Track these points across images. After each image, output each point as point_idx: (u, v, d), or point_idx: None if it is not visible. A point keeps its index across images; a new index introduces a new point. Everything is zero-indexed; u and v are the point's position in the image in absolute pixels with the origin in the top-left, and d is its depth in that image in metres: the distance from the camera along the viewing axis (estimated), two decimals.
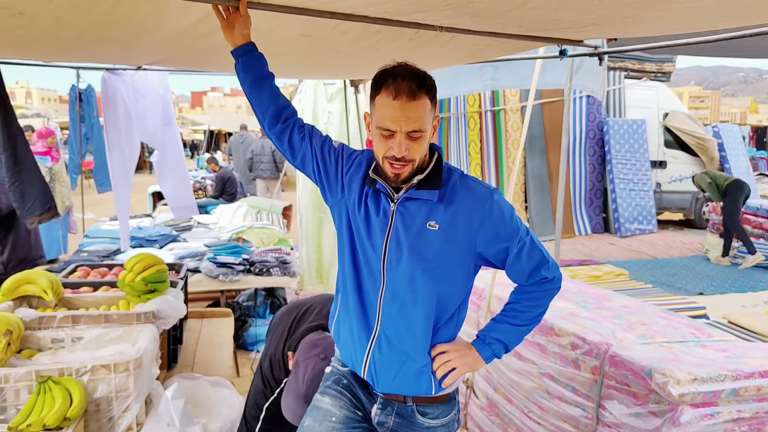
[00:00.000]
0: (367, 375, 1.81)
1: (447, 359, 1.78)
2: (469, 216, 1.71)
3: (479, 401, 3.33)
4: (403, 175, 1.68)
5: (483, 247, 1.74)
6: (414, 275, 1.71)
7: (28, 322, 2.32)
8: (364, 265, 1.77)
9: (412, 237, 1.70)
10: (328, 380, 1.92)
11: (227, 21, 1.81)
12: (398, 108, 1.60)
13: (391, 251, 1.72)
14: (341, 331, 1.88)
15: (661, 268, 8.14)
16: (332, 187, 1.86)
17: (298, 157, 1.89)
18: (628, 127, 10.82)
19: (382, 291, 1.75)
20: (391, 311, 1.74)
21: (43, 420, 1.79)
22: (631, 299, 3.27)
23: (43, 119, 14.95)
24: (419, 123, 1.62)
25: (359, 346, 1.80)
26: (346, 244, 1.81)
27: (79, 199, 7.31)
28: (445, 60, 3.01)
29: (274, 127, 1.88)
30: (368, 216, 1.76)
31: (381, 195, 1.76)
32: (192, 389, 2.41)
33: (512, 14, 1.82)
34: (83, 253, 4.79)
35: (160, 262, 2.75)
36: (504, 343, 1.83)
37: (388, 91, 1.61)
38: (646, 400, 2.24)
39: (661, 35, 2.73)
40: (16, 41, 2.20)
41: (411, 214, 1.72)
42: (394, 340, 1.75)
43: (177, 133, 4.47)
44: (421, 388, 1.79)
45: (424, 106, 1.63)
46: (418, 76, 1.63)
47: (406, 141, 1.63)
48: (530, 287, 1.82)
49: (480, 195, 1.73)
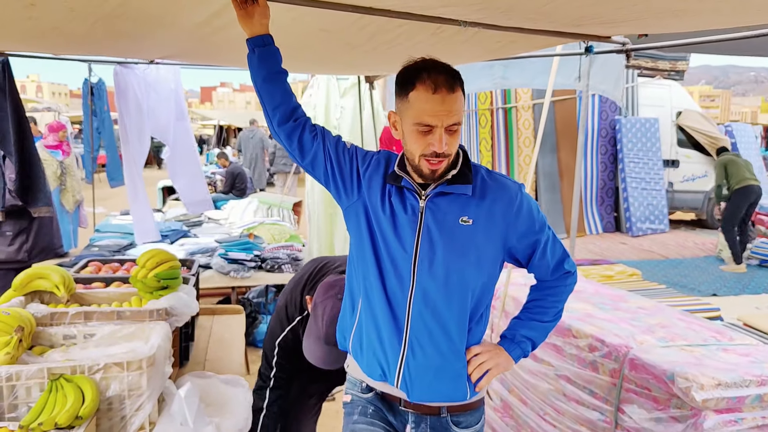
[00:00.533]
0: (401, 383, 1.73)
1: (481, 361, 1.73)
2: (503, 209, 1.68)
3: (493, 402, 3.29)
4: (440, 171, 1.64)
5: (515, 242, 1.72)
6: (449, 274, 1.66)
7: (40, 318, 2.29)
8: (391, 266, 1.70)
9: (446, 233, 1.66)
10: (354, 413, 1.84)
11: (245, 11, 1.75)
12: (439, 102, 1.56)
13: (423, 250, 1.66)
14: (364, 340, 1.79)
15: (673, 269, 8.07)
16: (347, 188, 1.79)
17: (308, 157, 1.82)
18: (640, 125, 10.72)
19: (411, 292, 1.68)
20: (424, 313, 1.68)
21: (54, 419, 1.76)
22: (648, 300, 3.21)
23: (54, 113, 15.02)
24: (458, 116, 1.60)
25: (391, 353, 1.72)
26: (367, 245, 1.73)
27: (91, 193, 7.30)
28: (467, 56, 2.95)
29: (285, 125, 1.80)
30: (394, 214, 1.70)
31: (406, 192, 1.71)
32: (205, 388, 2.38)
33: (545, 9, 1.76)
34: (94, 248, 4.78)
35: (173, 259, 2.72)
36: (532, 340, 1.81)
37: (425, 86, 1.57)
38: (667, 404, 2.19)
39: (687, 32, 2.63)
40: (28, 33, 2.17)
41: (442, 210, 1.67)
42: (428, 344, 1.69)
43: (189, 129, 4.44)
44: (458, 393, 1.73)
45: (460, 99, 1.61)
46: (449, 69, 1.61)
47: (445, 135, 1.59)
48: (554, 282, 1.80)
49: (511, 189, 1.71)
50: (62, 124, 7.35)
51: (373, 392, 1.83)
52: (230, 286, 4.45)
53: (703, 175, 11.34)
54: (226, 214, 6.73)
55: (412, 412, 1.77)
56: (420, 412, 1.76)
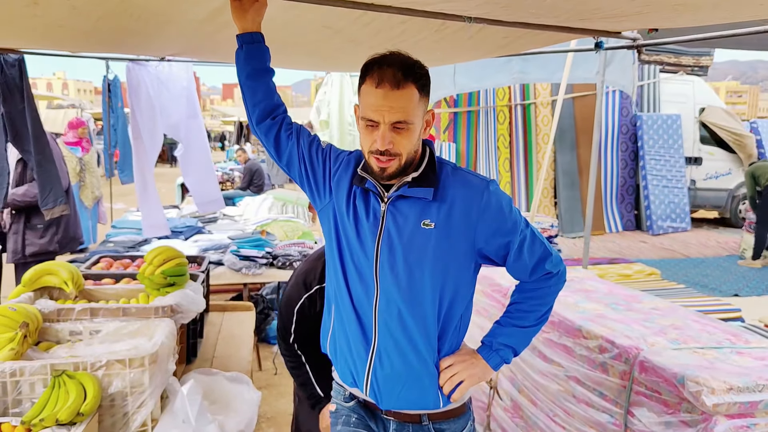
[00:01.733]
0: (369, 392, 1.69)
1: (453, 373, 1.66)
2: (466, 210, 1.59)
3: (503, 402, 3.26)
4: (390, 171, 1.57)
5: (483, 243, 1.62)
6: (412, 281, 1.60)
7: (47, 314, 2.32)
8: (355, 272, 1.66)
9: (405, 238, 1.59)
10: (338, 423, 1.81)
11: (240, 4, 1.73)
12: (381, 97, 1.50)
13: (383, 255, 1.60)
14: (338, 346, 1.76)
15: (694, 268, 7.93)
16: (320, 189, 1.75)
17: (284, 156, 1.79)
18: (662, 122, 10.55)
19: (376, 299, 1.63)
20: (389, 321, 1.63)
21: (56, 415, 1.77)
22: (663, 301, 3.15)
23: (77, 110, 15.25)
24: (404, 114, 1.51)
25: (359, 361, 1.69)
26: (335, 250, 1.69)
27: (107, 188, 7.39)
28: (473, 53, 2.91)
29: (262, 123, 1.79)
30: (357, 218, 1.65)
31: (371, 195, 1.65)
32: (209, 385, 2.39)
33: (547, 3, 1.72)
34: (109, 244, 4.83)
35: (180, 256, 2.73)
36: (512, 348, 1.72)
37: (372, 79, 1.52)
38: (677, 408, 2.15)
39: (703, 27, 2.57)
40: (35, 30, 2.19)
41: (403, 214, 1.60)
42: (395, 353, 1.64)
43: (202, 126, 4.45)
44: (429, 402, 1.68)
45: (410, 96, 1.52)
46: (405, 63, 1.53)
47: (390, 133, 1.52)
48: (534, 284, 1.70)
49: (476, 187, 1.61)
50: (82, 121, 7.44)
51: (356, 400, 1.80)
52: (242, 282, 4.46)
53: (727, 173, 11.12)
54: (241, 210, 6.77)
55: (393, 420, 1.73)
56: (400, 420, 1.72)
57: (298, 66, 3.70)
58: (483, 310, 3.42)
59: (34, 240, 4.23)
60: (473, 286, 1.72)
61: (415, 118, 1.55)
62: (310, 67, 3.86)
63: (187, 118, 4.21)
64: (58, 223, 4.28)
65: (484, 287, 3.46)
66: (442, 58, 3.06)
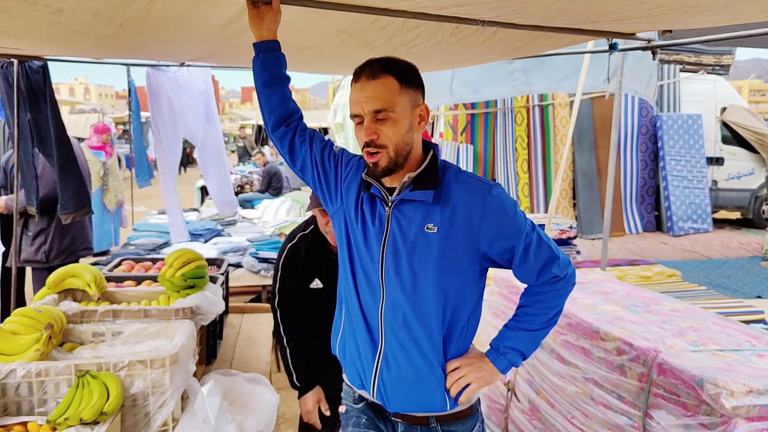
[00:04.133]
0: (376, 394, 1.71)
1: (459, 375, 1.66)
2: (468, 214, 1.59)
3: (521, 404, 3.25)
4: (381, 165, 1.58)
5: (487, 247, 1.62)
6: (417, 284, 1.61)
7: (71, 316, 2.37)
8: (363, 275, 1.68)
9: (409, 243, 1.60)
10: (348, 424, 1.83)
11: (257, 12, 1.76)
12: (359, 89, 1.57)
13: (389, 259, 1.62)
14: (347, 348, 1.79)
15: (716, 269, 7.82)
16: (331, 194, 1.78)
17: (298, 161, 1.82)
18: (682, 122, 10.43)
19: (382, 303, 1.65)
20: (395, 324, 1.64)
21: (80, 414, 1.81)
22: (682, 303, 3.12)
23: (99, 114, 15.47)
24: (382, 102, 1.54)
25: (366, 363, 1.71)
26: (345, 254, 1.72)
27: (128, 192, 7.50)
28: (488, 55, 2.91)
29: (277, 130, 1.82)
30: (365, 222, 1.67)
31: (377, 200, 1.67)
32: (228, 385, 2.42)
33: (557, 6, 1.73)
34: (131, 246, 4.91)
35: (200, 258, 2.77)
36: (520, 351, 1.71)
37: (354, 78, 1.60)
38: (696, 411, 2.13)
39: (720, 27, 2.55)
40: (59, 37, 2.24)
41: (407, 218, 1.62)
42: (402, 356, 1.65)
43: (219, 130, 4.51)
44: (435, 405, 1.69)
45: (387, 84, 1.56)
46: (384, 60, 1.59)
47: (374, 124, 1.55)
48: (541, 287, 1.69)
49: (478, 191, 1.61)
50: (107, 127, 7.56)
51: (365, 402, 1.82)
52: (261, 284, 4.50)
53: (750, 173, 10.96)
54: (260, 213, 6.83)
55: (401, 422, 1.74)
56: (408, 422, 1.73)
57: (315, 70, 3.73)
58: (500, 312, 3.42)
59: (24, 247, 4.17)
60: (480, 289, 1.72)
61: (397, 107, 1.57)
62: (326, 70, 3.89)
63: (204, 122, 4.27)
64: (47, 232, 4.18)
65: (501, 289, 3.46)
66: (459, 60, 3.07)
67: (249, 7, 1.76)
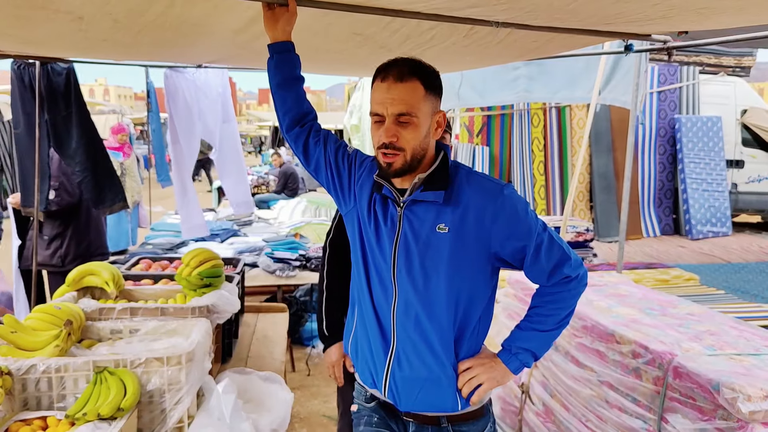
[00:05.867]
0: (388, 394, 1.73)
1: (471, 375, 1.67)
2: (479, 214, 1.60)
3: (535, 407, 3.24)
4: (395, 166, 1.59)
5: (498, 247, 1.62)
6: (428, 284, 1.62)
7: (89, 313, 2.40)
8: (376, 276, 1.70)
9: (421, 243, 1.62)
10: (360, 423, 1.84)
11: (273, 14, 1.77)
12: (385, 89, 1.56)
13: (400, 259, 1.63)
14: (359, 347, 1.80)
15: (735, 274, 7.72)
16: (345, 195, 1.79)
17: (312, 162, 1.84)
18: (702, 124, 10.31)
19: (394, 303, 1.66)
20: (407, 324, 1.65)
21: (97, 410, 1.83)
22: (699, 306, 3.09)
23: (118, 115, 15.66)
24: (407, 106, 1.55)
25: (378, 363, 1.72)
26: (359, 254, 1.74)
27: (147, 192, 7.58)
28: (503, 57, 2.91)
29: (292, 130, 1.84)
30: (377, 223, 1.69)
31: (389, 201, 1.68)
32: (243, 384, 2.44)
33: (570, 8, 1.72)
34: (148, 246, 4.97)
35: (216, 257, 2.80)
36: (532, 352, 1.71)
37: (378, 77, 1.59)
38: (713, 415, 2.11)
39: (738, 28, 2.53)
40: (81, 43, 2.28)
41: (419, 219, 1.63)
42: (413, 356, 1.66)
43: (236, 131, 4.56)
44: (447, 405, 1.69)
45: (414, 89, 1.56)
46: (411, 62, 1.59)
47: (395, 126, 1.56)
48: (552, 288, 1.68)
49: (489, 191, 1.62)
50: (123, 127, 7.63)
51: (376, 401, 1.83)
52: (276, 284, 4.53)
53: None
54: (276, 213, 6.87)
55: (412, 421, 1.75)
56: (419, 421, 1.74)
57: (330, 71, 3.75)
58: (515, 314, 3.41)
59: (41, 251, 4.17)
60: (491, 289, 1.73)
61: (420, 112, 1.57)
62: (342, 72, 3.91)
63: (222, 123, 4.31)
64: (64, 236, 4.19)
65: (516, 291, 3.45)
66: (474, 61, 3.07)
67: (264, 9, 1.77)
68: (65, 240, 4.20)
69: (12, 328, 2.07)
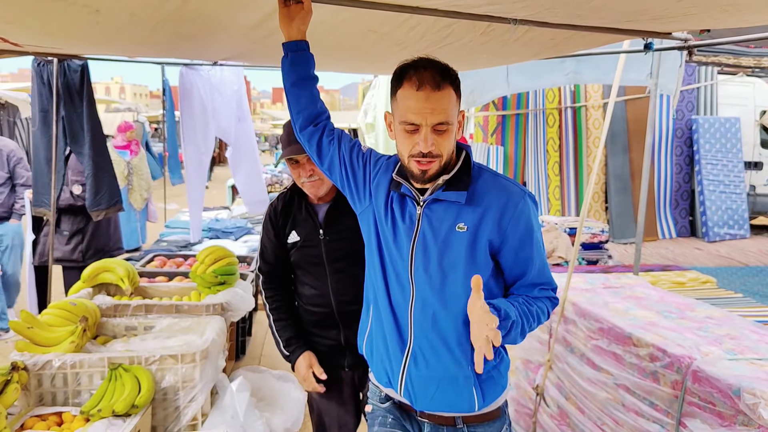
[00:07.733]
0: (404, 393, 1.72)
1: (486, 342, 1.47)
2: (499, 215, 1.60)
3: (549, 409, 3.21)
4: (431, 172, 1.58)
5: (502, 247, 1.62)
6: (445, 282, 1.61)
7: (105, 310, 2.41)
8: (393, 274, 1.69)
9: (440, 241, 1.61)
10: (374, 423, 1.83)
11: (288, 11, 1.76)
12: (422, 99, 1.51)
13: (418, 257, 1.63)
14: (374, 345, 1.80)
15: (753, 277, 7.61)
16: (360, 193, 1.79)
17: (325, 161, 1.84)
18: (720, 125, 10.18)
19: (412, 301, 1.66)
20: (424, 323, 1.64)
21: (112, 406, 1.84)
22: (718, 310, 3.05)
23: (133, 113, 15.77)
24: (445, 115, 1.53)
25: (395, 362, 1.71)
26: (375, 253, 1.73)
27: (161, 189, 7.58)
28: (521, 55, 2.88)
29: (306, 129, 1.84)
30: (394, 221, 1.68)
31: (407, 199, 1.68)
32: (257, 382, 2.44)
33: (591, 4, 1.70)
34: (162, 243, 4.98)
35: (231, 255, 2.80)
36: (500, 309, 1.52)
37: (410, 82, 1.53)
38: (733, 421, 2.07)
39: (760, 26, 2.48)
40: (97, 37, 2.29)
41: (438, 218, 1.62)
42: (430, 354, 1.65)
43: (251, 129, 4.55)
44: (463, 405, 1.68)
45: (449, 97, 1.54)
46: (440, 66, 1.55)
47: (432, 135, 1.53)
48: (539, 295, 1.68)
49: (514, 194, 1.62)
50: (129, 125, 7.56)
51: (391, 401, 1.82)
52: None
53: None
54: None
55: (427, 422, 1.74)
56: (434, 422, 1.73)
57: (345, 69, 3.74)
58: None
59: (59, 246, 4.21)
60: (503, 288, 1.72)
61: (454, 119, 1.57)
62: (357, 70, 3.90)
63: (237, 121, 4.31)
64: (85, 231, 4.25)
65: None
66: (490, 60, 3.04)
67: (280, 6, 1.76)
68: (86, 235, 4.26)
69: (28, 324, 2.08)
